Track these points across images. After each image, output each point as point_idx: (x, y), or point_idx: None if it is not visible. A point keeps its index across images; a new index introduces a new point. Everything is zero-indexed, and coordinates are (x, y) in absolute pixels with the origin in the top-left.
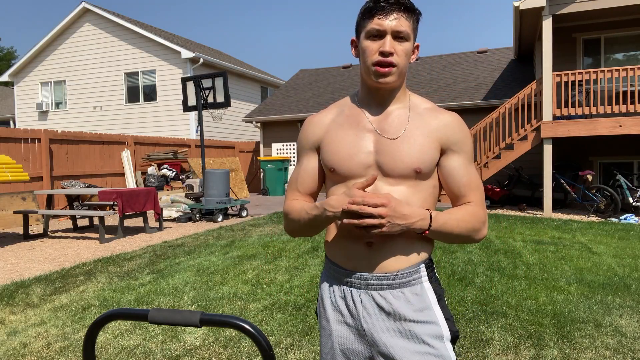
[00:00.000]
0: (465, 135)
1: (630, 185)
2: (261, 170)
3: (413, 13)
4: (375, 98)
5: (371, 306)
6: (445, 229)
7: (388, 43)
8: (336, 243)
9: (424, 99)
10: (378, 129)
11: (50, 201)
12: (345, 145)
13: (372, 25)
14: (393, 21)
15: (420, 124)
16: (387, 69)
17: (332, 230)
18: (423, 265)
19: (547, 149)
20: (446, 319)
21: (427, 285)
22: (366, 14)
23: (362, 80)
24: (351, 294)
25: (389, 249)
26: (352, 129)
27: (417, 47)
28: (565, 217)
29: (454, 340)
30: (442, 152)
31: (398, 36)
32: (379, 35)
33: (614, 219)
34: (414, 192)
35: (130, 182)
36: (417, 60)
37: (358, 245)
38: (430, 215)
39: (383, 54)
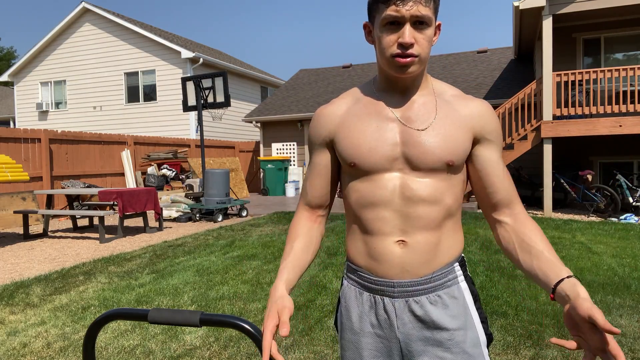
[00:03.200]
0: (498, 125)
1: (630, 185)
2: (261, 170)
3: None
4: (396, 87)
5: (406, 315)
6: None
7: (407, 33)
8: (362, 247)
9: (449, 85)
10: (402, 119)
11: (50, 201)
12: (367, 137)
13: (388, 12)
14: (412, 7)
15: (449, 113)
16: (408, 59)
17: (356, 233)
18: (457, 263)
19: (547, 149)
20: (482, 322)
21: (463, 285)
22: None
23: (380, 69)
24: (383, 302)
25: (422, 248)
26: (372, 119)
27: (439, 26)
28: (565, 217)
29: (489, 343)
30: (476, 142)
31: (418, 22)
32: (396, 22)
33: (614, 219)
34: (446, 186)
35: (130, 182)
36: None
37: (389, 246)
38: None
39: (403, 45)
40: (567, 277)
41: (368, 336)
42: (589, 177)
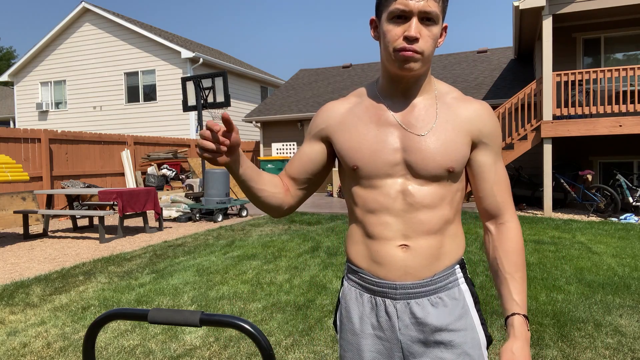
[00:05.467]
0: (496, 127)
1: (630, 185)
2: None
3: None
4: (399, 88)
5: (407, 317)
6: (526, 295)
7: (414, 27)
8: (364, 249)
9: (451, 87)
10: (403, 123)
11: (50, 201)
12: (368, 142)
13: (396, 5)
14: (421, 1)
15: (449, 117)
16: (411, 54)
17: (357, 235)
18: (458, 265)
19: (547, 149)
20: (482, 324)
21: (464, 287)
22: None
23: (383, 67)
24: (384, 304)
25: (424, 252)
26: (373, 122)
27: (445, 28)
28: (565, 216)
29: (488, 345)
30: (473, 146)
31: (425, 18)
32: (403, 16)
33: (614, 219)
34: (446, 193)
35: (130, 182)
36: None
37: (391, 250)
38: (524, 316)
39: (408, 39)
40: (514, 314)
41: (369, 338)
42: (589, 177)
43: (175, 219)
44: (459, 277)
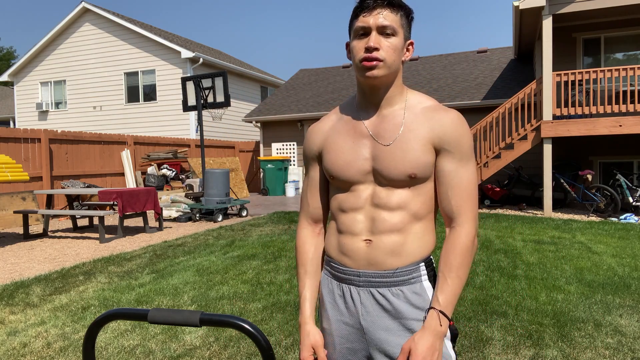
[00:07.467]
0: (460, 134)
1: (630, 185)
2: (261, 170)
3: (400, 9)
4: (371, 100)
5: (370, 304)
6: (456, 297)
7: (373, 38)
8: (334, 241)
9: (426, 96)
10: (374, 134)
11: (50, 201)
12: (344, 153)
13: (358, 24)
14: (377, 16)
15: (414, 126)
16: (373, 63)
17: (332, 229)
18: (423, 263)
19: (547, 149)
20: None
21: (426, 284)
22: (353, 15)
23: (358, 83)
24: (350, 291)
25: (386, 247)
26: (349, 135)
27: (411, 44)
28: (565, 216)
29: (453, 339)
30: (437, 153)
31: (384, 32)
32: (365, 33)
33: (614, 219)
34: (413, 195)
35: (130, 182)
36: (416, 59)
37: (356, 243)
38: (441, 312)
39: (368, 49)
40: (431, 308)
41: (337, 323)
42: (589, 177)
43: (175, 219)
44: (423, 274)
